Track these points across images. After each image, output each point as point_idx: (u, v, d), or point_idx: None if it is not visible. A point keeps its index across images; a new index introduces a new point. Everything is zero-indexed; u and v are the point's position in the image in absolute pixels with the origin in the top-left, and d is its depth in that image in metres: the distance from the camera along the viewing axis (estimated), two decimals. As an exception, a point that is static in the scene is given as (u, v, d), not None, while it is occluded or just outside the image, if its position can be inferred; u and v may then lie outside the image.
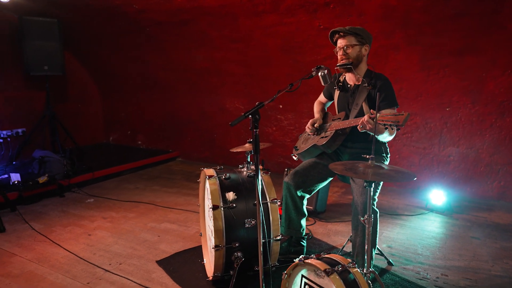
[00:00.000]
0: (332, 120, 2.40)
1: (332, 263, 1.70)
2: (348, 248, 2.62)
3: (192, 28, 4.35)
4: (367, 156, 1.77)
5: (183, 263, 2.61)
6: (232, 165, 5.36)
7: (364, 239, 2.05)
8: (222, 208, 2.12)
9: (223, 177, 2.28)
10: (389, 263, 2.48)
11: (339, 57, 2.28)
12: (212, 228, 2.16)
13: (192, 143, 5.74)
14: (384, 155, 2.33)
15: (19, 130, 5.33)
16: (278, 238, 2.16)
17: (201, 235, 2.72)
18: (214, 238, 2.09)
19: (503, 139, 3.43)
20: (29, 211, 3.73)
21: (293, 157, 2.66)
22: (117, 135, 6.70)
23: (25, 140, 5.30)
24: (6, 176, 4.19)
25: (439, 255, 2.62)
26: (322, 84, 2.25)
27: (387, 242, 2.84)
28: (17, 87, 5.31)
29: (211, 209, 2.12)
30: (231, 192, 2.16)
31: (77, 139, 5.51)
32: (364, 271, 1.80)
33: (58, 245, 2.95)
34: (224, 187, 2.21)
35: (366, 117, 1.93)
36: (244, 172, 2.39)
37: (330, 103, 2.66)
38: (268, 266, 2.23)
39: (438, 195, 3.37)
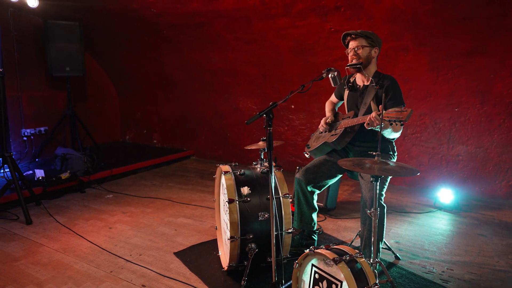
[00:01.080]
0: (342, 119, 2.50)
1: (340, 253, 1.81)
2: (357, 243, 2.72)
3: (207, 31, 4.50)
4: (374, 153, 1.87)
5: (199, 255, 2.75)
6: (245, 163, 5.50)
7: (371, 233, 2.15)
8: (237, 202, 2.25)
9: (238, 173, 2.41)
10: (396, 258, 2.57)
11: (350, 58, 2.38)
12: (228, 221, 2.29)
13: (206, 142, 5.90)
14: (391, 153, 2.43)
15: (42, 129, 5.57)
16: (290, 231, 2.28)
17: (216, 228, 2.86)
18: (230, 230, 2.22)
19: (511, 139, 3.47)
20: (53, 205, 3.93)
21: (306, 154, 2.78)
22: (133, 133, 6.91)
23: (48, 138, 5.55)
24: (30, 172, 4.41)
25: (446, 250, 2.70)
26: (332, 85, 2.36)
27: (395, 238, 2.93)
28: (40, 87, 5.56)
29: (227, 202, 2.25)
30: (246, 187, 2.29)
31: (95, 137, 5.75)
32: (371, 261, 1.91)
33: (82, 237, 3.12)
34: (239, 182, 2.34)
35: (373, 114, 2.04)
36: (258, 169, 2.51)
37: (340, 103, 2.77)
38: (280, 258, 2.35)
39: (446, 194, 3.44)
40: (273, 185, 2.03)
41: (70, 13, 4.94)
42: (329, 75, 2.26)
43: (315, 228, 2.67)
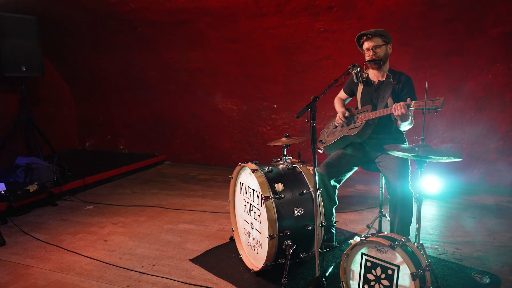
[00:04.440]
0: (358, 113, 2.61)
1: (393, 239, 1.89)
2: (359, 233, 2.85)
3: (189, 29, 4.37)
4: (417, 138, 2.00)
5: (218, 260, 2.66)
6: (226, 165, 5.43)
7: (403, 218, 2.29)
8: (272, 199, 2.23)
9: (266, 170, 2.39)
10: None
11: (368, 57, 2.49)
12: (258, 220, 2.25)
13: (181, 146, 5.70)
14: (406, 143, 2.60)
15: (-10, 137, 4.92)
16: (323, 224, 2.31)
17: (232, 230, 2.79)
18: (268, 228, 2.19)
19: (481, 130, 3.91)
20: (24, 222, 3.52)
21: (319, 150, 2.84)
22: (95, 140, 6.42)
23: None
24: (-13, 186, 3.87)
25: (448, 233, 2.96)
26: (354, 80, 2.46)
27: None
28: (-12, 89, 4.92)
29: (262, 200, 2.22)
30: (280, 183, 2.28)
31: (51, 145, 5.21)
32: (416, 244, 2.02)
33: (76, 253, 2.84)
34: (270, 179, 2.32)
35: (403, 103, 2.16)
36: (281, 165, 2.51)
37: (349, 99, 2.88)
38: (313, 252, 2.38)
39: (431, 183, 3.75)
40: (317, 179, 2.06)
41: (29, 5, 4.44)
42: (354, 71, 2.35)
43: (333, 222, 2.74)
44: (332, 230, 2.74)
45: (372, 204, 3.67)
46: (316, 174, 2.02)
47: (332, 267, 2.43)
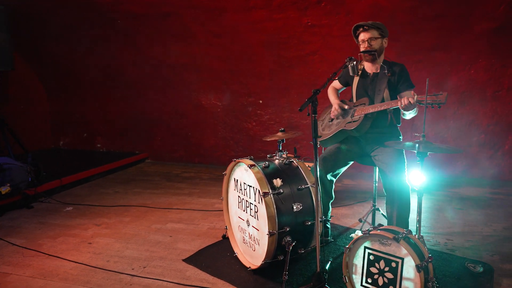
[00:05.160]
0: (355, 106, 2.60)
1: (396, 232, 1.90)
2: (358, 227, 2.87)
3: (173, 22, 4.24)
4: (417, 134, 2.01)
5: (213, 259, 2.59)
6: (209, 162, 5.33)
7: (401, 212, 2.31)
8: (271, 195, 2.18)
9: (263, 165, 2.34)
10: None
11: (363, 48, 2.49)
12: (254, 218, 2.20)
13: (163, 143, 5.55)
14: (401, 137, 2.63)
15: (-45, 136, 4.58)
16: (322, 219, 2.29)
17: (226, 228, 2.73)
18: (268, 224, 2.14)
19: (464, 124, 4.04)
20: (-4, 226, 3.29)
21: (313, 144, 2.82)
22: (70, 138, 6.14)
23: (-35, 147, 4.58)
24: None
25: (438, 225, 3.02)
26: (350, 73, 2.45)
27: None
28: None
29: (261, 196, 2.17)
30: (278, 179, 2.24)
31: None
32: (416, 236, 2.04)
33: (58, 257, 2.69)
34: (268, 174, 2.27)
35: (406, 97, 2.17)
36: (276, 160, 2.47)
37: (343, 89, 2.87)
38: (311, 248, 2.36)
39: (417, 176, 3.82)
40: (318, 173, 2.03)
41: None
42: (350, 64, 2.34)
43: (329, 217, 2.73)
44: (327, 225, 2.74)
45: (361, 198, 3.71)
46: (317, 168, 2.00)
47: (330, 262, 2.42)
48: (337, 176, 2.67)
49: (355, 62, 2.36)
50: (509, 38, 3.44)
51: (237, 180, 2.55)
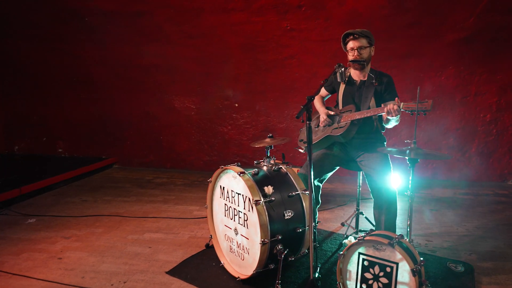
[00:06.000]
0: (341, 112, 2.65)
1: (389, 237, 1.94)
2: (342, 230, 2.93)
3: (145, 21, 4.10)
4: (408, 141, 2.08)
5: (198, 270, 2.51)
6: (183, 167, 5.21)
7: (389, 216, 2.38)
8: (263, 203, 2.15)
9: (253, 172, 2.31)
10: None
11: (352, 57, 2.54)
12: (244, 226, 2.17)
13: (132, 147, 5.33)
14: (385, 142, 2.71)
15: None
16: (315, 226, 2.30)
17: (211, 237, 2.66)
18: (260, 232, 2.11)
19: (434, 128, 4.26)
20: None
21: (300, 150, 2.83)
22: (26, 143, 5.72)
23: None
24: None
25: (417, 227, 3.15)
26: (338, 80, 2.49)
27: (372, 221, 3.25)
28: None
29: (252, 204, 2.13)
30: (270, 186, 2.21)
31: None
32: (407, 240, 2.10)
33: (25, 276, 2.49)
34: (258, 182, 2.24)
35: (394, 106, 2.24)
36: (265, 167, 2.45)
37: (328, 96, 2.91)
38: (300, 255, 2.36)
39: (395, 179, 3.97)
40: (312, 178, 2.03)
41: None
42: (338, 71, 2.38)
43: (316, 222, 2.75)
44: (314, 230, 2.74)
45: (340, 202, 3.79)
46: (311, 175, 2.00)
47: (319, 268, 2.43)
48: (323, 181, 2.70)
49: (343, 69, 2.40)
50: (477, 47, 3.68)
51: (223, 187, 2.49)
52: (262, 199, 2.16)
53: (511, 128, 4.01)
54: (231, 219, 2.44)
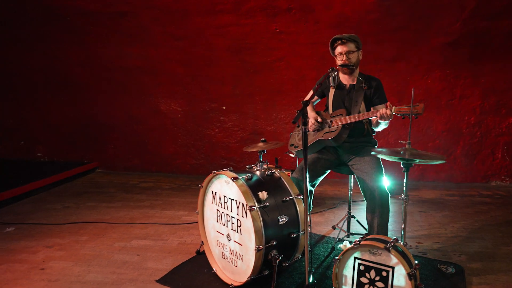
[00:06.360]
0: (332, 116, 2.67)
1: (384, 241, 1.96)
2: (334, 234, 2.95)
3: (129, 22, 4.02)
4: (403, 142, 2.11)
5: (190, 277, 2.48)
6: (169, 171, 5.13)
7: (382, 219, 2.40)
8: (258, 208, 2.14)
9: (246, 177, 2.29)
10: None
11: (341, 62, 2.56)
12: (237, 232, 2.15)
13: (116, 151, 5.22)
14: (376, 146, 2.75)
15: None
16: (310, 231, 2.30)
17: (202, 243, 2.63)
18: (255, 239, 2.10)
19: (420, 130, 4.35)
20: None
21: (290, 154, 2.83)
22: (2, 146, 5.52)
23: None
24: None
25: (407, 229, 3.20)
26: (331, 84, 2.51)
27: (364, 224, 3.29)
28: None
29: (247, 210, 2.12)
30: (264, 191, 2.20)
31: None
32: (402, 243, 2.13)
33: (6, 289, 2.38)
34: (252, 187, 2.23)
35: (385, 109, 2.27)
36: (258, 172, 2.44)
37: (318, 101, 2.93)
38: (294, 260, 2.36)
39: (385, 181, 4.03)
40: (308, 181, 2.04)
41: None
42: (331, 75, 2.39)
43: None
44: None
45: (330, 205, 3.81)
46: (307, 179, 2.00)
47: (311, 273, 2.43)
48: (315, 186, 2.71)
49: (335, 73, 2.42)
50: (461, 51, 3.79)
51: (215, 193, 2.47)
52: (256, 204, 2.15)
53: (494, 131, 4.14)
54: (224, 225, 2.42)
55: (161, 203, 3.98)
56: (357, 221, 3.02)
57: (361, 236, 2.07)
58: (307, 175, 2.01)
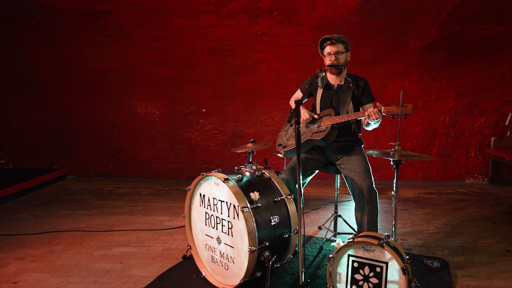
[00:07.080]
0: (320, 116, 2.72)
1: (378, 238, 2.02)
2: (321, 234, 3.00)
3: (106, 22, 3.93)
4: (393, 143, 2.18)
5: (178, 283, 2.44)
6: (146, 176, 5.02)
7: (371, 217, 2.47)
8: (250, 209, 2.14)
9: (236, 178, 2.29)
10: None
11: (329, 62, 2.63)
12: (228, 234, 2.14)
13: (89, 157, 5.04)
14: (363, 145, 2.83)
15: None
16: (297, 231, 2.33)
17: (189, 248, 2.59)
18: (248, 240, 2.09)
19: (403, 131, 4.52)
20: None
21: (278, 154, 2.86)
22: (-39, 154, 5.18)
23: None
24: None
25: (390, 226, 3.31)
26: (319, 84, 2.56)
27: (351, 224, 3.36)
28: None
29: (239, 211, 2.11)
30: (256, 192, 2.21)
31: None
32: (393, 239, 2.20)
33: (-25, 305, 2.24)
34: (243, 188, 2.23)
35: (373, 109, 2.35)
36: (247, 173, 2.44)
37: (305, 100, 2.97)
38: (286, 260, 2.38)
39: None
40: (301, 181, 2.06)
41: None
42: (320, 75, 2.44)
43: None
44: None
45: (314, 206, 3.88)
46: (300, 178, 2.03)
47: (303, 273, 2.45)
48: (304, 185, 2.75)
49: (324, 74, 2.47)
50: (437, 54, 3.99)
51: (203, 195, 2.45)
52: (248, 205, 2.15)
53: (467, 131, 4.38)
54: (213, 227, 2.40)
55: (141, 208, 3.88)
56: (344, 220, 3.09)
57: (354, 235, 2.12)
58: (300, 175, 2.04)
